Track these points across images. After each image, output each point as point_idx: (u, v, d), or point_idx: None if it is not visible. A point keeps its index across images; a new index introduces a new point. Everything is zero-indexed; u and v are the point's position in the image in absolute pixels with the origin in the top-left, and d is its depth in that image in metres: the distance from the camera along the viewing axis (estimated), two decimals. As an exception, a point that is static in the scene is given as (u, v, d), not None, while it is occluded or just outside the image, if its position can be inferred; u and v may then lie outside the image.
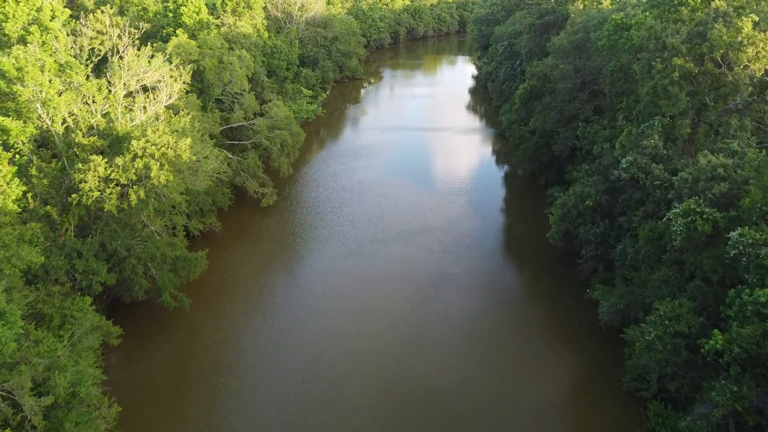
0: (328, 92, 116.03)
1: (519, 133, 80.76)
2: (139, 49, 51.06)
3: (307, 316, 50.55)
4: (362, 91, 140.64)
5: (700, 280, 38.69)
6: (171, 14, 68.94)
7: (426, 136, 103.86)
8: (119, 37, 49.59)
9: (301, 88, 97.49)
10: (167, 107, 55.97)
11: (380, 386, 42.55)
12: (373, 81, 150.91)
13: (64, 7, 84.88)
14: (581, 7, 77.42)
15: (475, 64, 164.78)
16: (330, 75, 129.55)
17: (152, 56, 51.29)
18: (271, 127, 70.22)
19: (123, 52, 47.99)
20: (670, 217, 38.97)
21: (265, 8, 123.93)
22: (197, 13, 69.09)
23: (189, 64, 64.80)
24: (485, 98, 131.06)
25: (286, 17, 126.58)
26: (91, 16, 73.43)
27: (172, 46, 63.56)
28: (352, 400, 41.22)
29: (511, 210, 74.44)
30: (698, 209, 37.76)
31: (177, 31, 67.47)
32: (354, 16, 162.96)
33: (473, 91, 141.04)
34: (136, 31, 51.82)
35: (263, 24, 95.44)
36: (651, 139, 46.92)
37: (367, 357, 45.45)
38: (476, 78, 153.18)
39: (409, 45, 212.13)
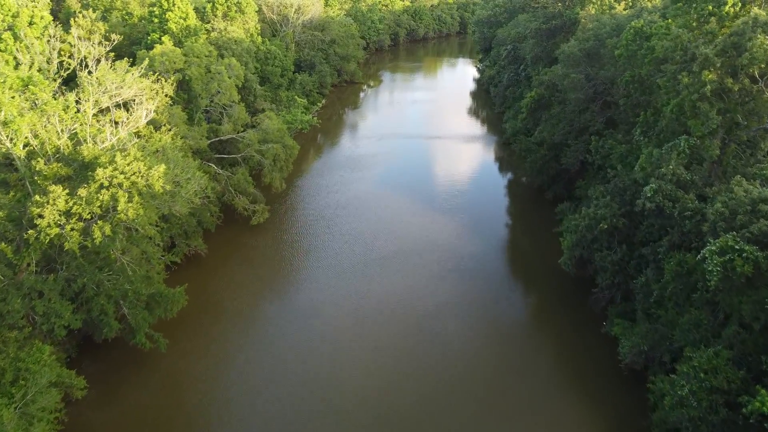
0: (322, 102, 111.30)
1: (525, 144, 76.41)
2: (113, 62, 46.57)
3: (292, 356, 46.15)
4: (361, 94, 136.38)
5: (737, 325, 34.34)
6: (156, 20, 64.54)
7: (426, 144, 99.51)
8: (88, 51, 44.96)
9: (296, 96, 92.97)
10: (148, 123, 51.64)
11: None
12: (372, 84, 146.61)
13: (51, 11, 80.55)
14: (592, 11, 72.97)
15: (476, 66, 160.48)
16: (328, 79, 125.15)
17: (127, 71, 46.74)
18: (263, 140, 65.81)
19: (92, 66, 43.46)
20: (705, 255, 34.58)
21: (259, 11, 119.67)
22: (184, 19, 64.71)
23: (174, 73, 60.56)
24: (487, 103, 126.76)
25: (282, 20, 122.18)
26: (72, 20, 69.02)
27: (156, 55, 59.18)
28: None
29: (516, 227, 70.04)
30: (737, 246, 33.41)
31: (163, 38, 63.04)
32: (353, 18, 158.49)
33: (475, 96, 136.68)
34: (107, 42, 47.16)
35: (257, 28, 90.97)
36: (669, 165, 42.53)
37: (358, 403, 41.07)
38: (478, 81, 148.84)
39: (409, 47, 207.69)
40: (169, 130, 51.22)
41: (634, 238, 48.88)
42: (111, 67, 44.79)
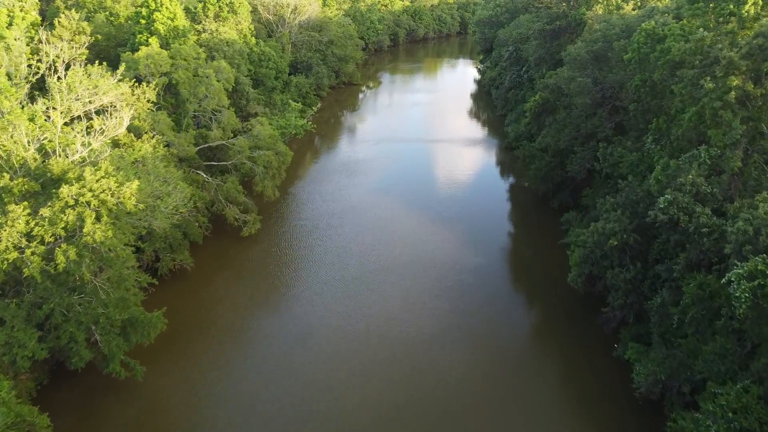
0: (318, 105, 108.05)
1: (529, 150, 73.21)
2: (86, 65, 43.31)
3: (281, 380, 42.98)
4: (360, 96, 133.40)
5: (768, 357, 31.20)
6: (143, 20, 61.34)
7: (426, 148, 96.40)
8: (57, 54, 41.77)
9: (290, 100, 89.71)
10: (129, 130, 48.55)
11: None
12: (371, 86, 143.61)
13: (39, 11, 77.42)
14: (599, 12, 69.77)
15: (477, 67, 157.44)
16: (325, 81, 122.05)
17: (102, 75, 43.53)
18: (254, 147, 62.68)
19: (61, 71, 40.20)
20: (732, 278, 31.43)
21: (254, 11, 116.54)
22: (172, 20, 61.52)
23: (160, 77, 57.46)
24: (489, 105, 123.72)
25: (278, 20, 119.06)
26: (56, 21, 66.04)
27: (141, 57, 56.04)
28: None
29: (519, 237, 66.88)
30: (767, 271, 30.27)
31: (149, 40, 59.91)
32: (351, 18, 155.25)
33: (476, 97, 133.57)
34: (78, 45, 43.94)
35: (250, 29, 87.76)
36: (689, 175, 39.36)
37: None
38: (479, 82, 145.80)
39: (408, 47, 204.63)
40: (152, 137, 48.08)
41: (647, 255, 45.77)
42: (84, 71, 41.53)
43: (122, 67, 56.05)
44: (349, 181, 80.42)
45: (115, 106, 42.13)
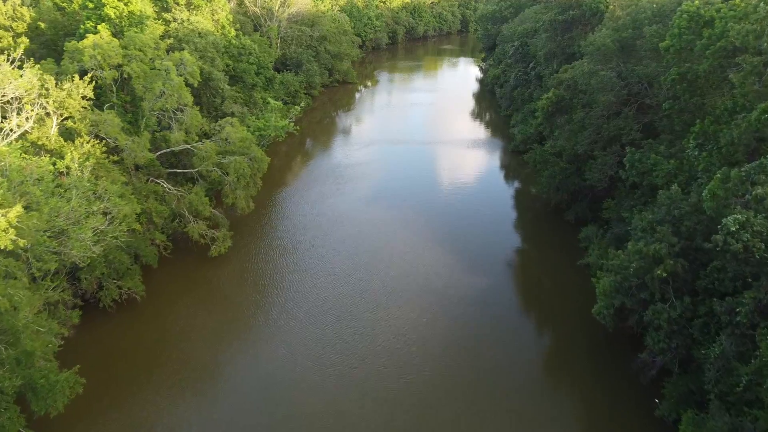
0: (303, 104, 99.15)
1: (541, 155, 64.41)
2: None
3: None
4: (356, 95, 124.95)
5: None
6: (91, 4, 52.72)
7: (425, 151, 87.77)
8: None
9: (269, 98, 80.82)
10: (62, 133, 39.92)
11: None
12: (368, 85, 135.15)
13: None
14: (623, -3, 60.86)
15: (479, 65, 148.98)
16: (316, 79, 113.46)
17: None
18: (223, 152, 54.01)
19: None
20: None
21: (241, 4, 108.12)
22: (126, 4, 52.86)
23: (110, 69, 48.82)
24: (492, 105, 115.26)
25: (266, 14, 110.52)
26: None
27: (86, 47, 47.40)
28: None
29: (530, 256, 57.95)
30: None
31: (98, 27, 51.29)
32: (348, 14, 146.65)
33: (478, 97, 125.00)
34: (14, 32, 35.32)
35: (228, 20, 79.09)
36: (765, 188, 30.59)
37: None
38: (481, 81, 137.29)
39: (408, 45, 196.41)
40: (88, 141, 39.42)
41: (696, 285, 36.97)
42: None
43: (65, 59, 47.73)
44: (339, 188, 71.72)
45: (30, 103, 33.39)
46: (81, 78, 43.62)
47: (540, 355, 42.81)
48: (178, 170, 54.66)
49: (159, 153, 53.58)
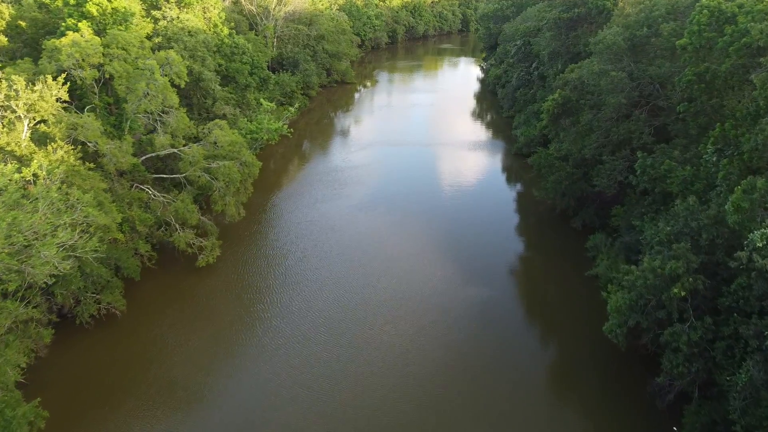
0: (298, 105, 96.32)
1: (546, 159, 61.55)
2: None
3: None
4: (355, 95, 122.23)
5: None
6: (73, 1, 49.95)
7: (425, 153, 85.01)
8: None
9: (262, 99, 77.92)
10: (35, 138, 37.14)
11: None
12: (368, 85, 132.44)
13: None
14: (632, -8, 58.10)
15: (480, 65, 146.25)
16: (314, 79, 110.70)
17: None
18: (212, 156, 51.23)
19: None
20: None
21: (236, 2, 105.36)
22: (110, 1, 50.06)
23: (90, 69, 46.07)
24: (494, 106, 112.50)
25: (262, 12, 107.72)
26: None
27: (64, 45, 44.63)
28: None
29: (535, 265, 55.07)
30: None
31: (79, 24, 48.50)
32: (347, 13, 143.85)
33: (479, 98, 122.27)
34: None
35: (221, 18, 76.24)
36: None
37: None
38: (482, 81, 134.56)
39: (408, 45, 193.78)
40: (62, 147, 36.63)
41: (717, 303, 34.18)
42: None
43: (42, 58, 45.00)
44: (335, 192, 68.92)
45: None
46: (62, 78, 40.87)
47: (545, 375, 39.92)
48: (164, 175, 51.87)
49: (144, 157, 50.81)
